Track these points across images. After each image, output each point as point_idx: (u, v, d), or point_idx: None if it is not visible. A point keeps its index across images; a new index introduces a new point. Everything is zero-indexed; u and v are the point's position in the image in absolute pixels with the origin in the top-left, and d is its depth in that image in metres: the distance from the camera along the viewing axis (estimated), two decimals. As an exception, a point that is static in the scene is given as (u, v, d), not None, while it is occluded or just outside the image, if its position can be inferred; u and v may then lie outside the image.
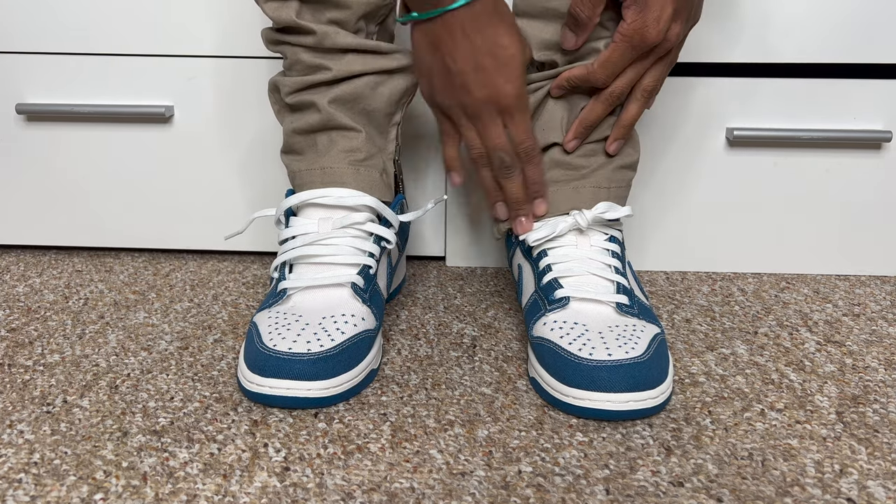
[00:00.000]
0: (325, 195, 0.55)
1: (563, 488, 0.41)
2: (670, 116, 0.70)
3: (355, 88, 0.56)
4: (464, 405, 0.50)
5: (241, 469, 0.43)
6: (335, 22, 0.54)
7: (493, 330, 0.62)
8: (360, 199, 0.56)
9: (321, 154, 0.57)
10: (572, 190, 0.57)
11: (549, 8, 0.54)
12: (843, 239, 0.73)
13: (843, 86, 0.68)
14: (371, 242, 0.56)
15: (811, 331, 0.62)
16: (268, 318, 0.52)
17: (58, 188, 0.76)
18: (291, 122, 0.58)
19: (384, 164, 0.59)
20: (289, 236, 0.56)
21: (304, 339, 0.49)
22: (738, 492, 0.41)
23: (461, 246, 0.76)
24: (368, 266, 0.55)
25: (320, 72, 0.55)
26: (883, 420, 0.49)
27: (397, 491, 0.41)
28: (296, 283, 0.53)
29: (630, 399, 0.46)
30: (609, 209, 0.56)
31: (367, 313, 0.53)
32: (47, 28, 0.70)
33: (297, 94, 0.57)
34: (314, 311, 0.52)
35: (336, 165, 0.56)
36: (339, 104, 0.56)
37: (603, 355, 0.47)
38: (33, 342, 0.59)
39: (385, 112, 0.58)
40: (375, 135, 0.59)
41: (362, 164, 0.57)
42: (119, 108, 0.71)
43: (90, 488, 0.41)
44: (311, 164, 0.57)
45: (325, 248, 0.54)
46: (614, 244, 0.56)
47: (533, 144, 0.53)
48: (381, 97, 0.57)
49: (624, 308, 0.52)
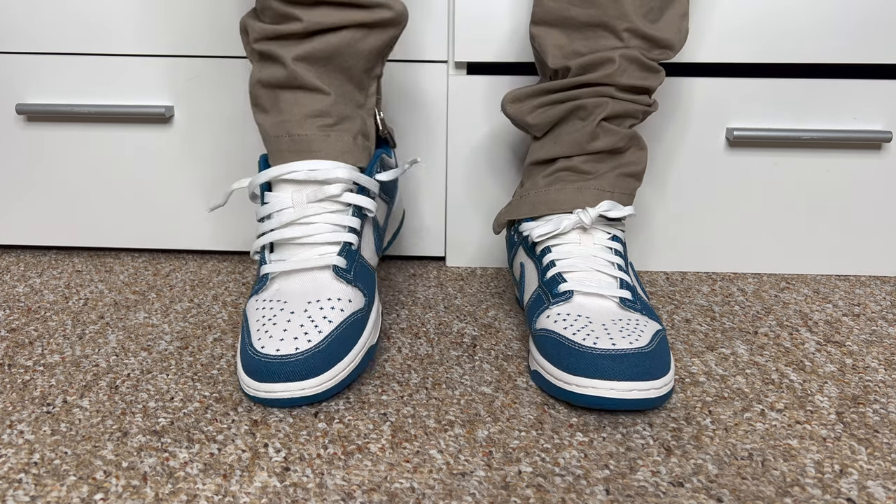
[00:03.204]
0: (294, 170, 0.53)
1: (563, 488, 0.41)
2: (670, 116, 0.70)
3: (328, 45, 0.52)
4: (464, 405, 0.50)
5: (241, 469, 0.43)
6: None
7: (493, 329, 0.62)
8: (332, 172, 0.53)
9: (283, 112, 0.54)
10: (576, 190, 0.58)
11: (568, 17, 0.55)
12: (843, 239, 0.73)
13: (843, 86, 0.68)
14: (350, 215, 0.54)
15: (811, 331, 0.62)
16: (255, 309, 0.51)
17: (58, 188, 0.76)
18: (258, 72, 0.54)
19: (362, 122, 0.56)
20: (265, 214, 0.54)
21: (290, 334, 0.48)
22: (738, 492, 0.41)
23: (461, 246, 0.76)
24: (349, 243, 0.53)
25: (290, 22, 0.51)
26: (883, 420, 0.49)
27: (397, 491, 0.41)
28: (277, 266, 0.52)
29: (633, 388, 0.46)
30: (612, 208, 0.56)
31: (352, 294, 0.52)
32: (47, 28, 0.70)
33: (264, 43, 0.53)
34: (298, 297, 0.51)
35: (305, 132, 0.53)
36: (308, 62, 0.53)
37: (607, 344, 0.47)
38: (33, 342, 0.59)
39: (364, 68, 0.55)
40: (353, 91, 0.56)
41: (332, 129, 0.54)
42: (119, 108, 0.71)
43: (90, 488, 0.41)
44: (277, 126, 0.54)
45: (303, 227, 0.53)
46: (617, 243, 0.57)
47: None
48: (360, 54, 0.53)
49: (627, 303, 0.53)
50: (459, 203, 0.74)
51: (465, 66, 0.71)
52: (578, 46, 0.56)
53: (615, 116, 0.56)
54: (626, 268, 0.56)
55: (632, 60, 0.55)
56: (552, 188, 0.58)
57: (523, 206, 0.60)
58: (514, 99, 0.60)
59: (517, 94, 0.60)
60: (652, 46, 0.55)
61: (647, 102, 0.57)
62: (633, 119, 0.58)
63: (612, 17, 0.54)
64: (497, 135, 0.72)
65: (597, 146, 0.57)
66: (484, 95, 0.70)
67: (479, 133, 0.72)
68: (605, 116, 0.56)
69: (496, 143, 0.72)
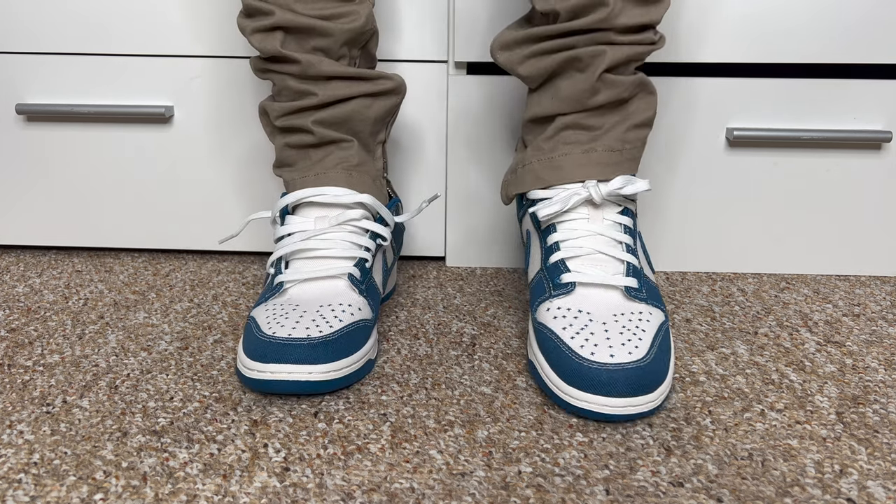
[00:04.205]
0: (320, 193, 0.57)
1: (563, 489, 0.41)
2: (670, 116, 0.70)
3: (342, 112, 0.57)
4: (464, 405, 0.50)
5: (241, 469, 0.43)
6: (319, 49, 0.56)
7: (492, 328, 0.62)
8: (356, 197, 0.57)
9: (314, 163, 0.58)
10: (583, 154, 0.54)
11: None
12: (843, 239, 0.73)
13: (843, 86, 0.68)
14: (367, 238, 0.57)
15: (811, 331, 0.62)
16: (265, 310, 0.52)
17: (58, 188, 0.76)
18: (283, 140, 0.59)
19: (377, 173, 0.60)
20: (285, 233, 0.57)
21: (303, 325, 0.49)
22: (738, 492, 0.41)
23: (461, 246, 0.76)
24: (364, 259, 0.56)
25: (307, 97, 0.56)
26: (883, 420, 0.49)
27: (397, 491, 0.41)
28: (293, 275, 0.54)
29: (628, 404, 0.46)
30: (626, 184, 0.53)
31: (363, 304, 0.54)
32: (47, 28, 0.70)
33: (287, 118, 0.58)
34: (311, 301, 0.53)
35: (329, 171, 0.58)
36: (326, 126, 0.57)
37: (605, 356, 0.47)
38: (33, 342, 0.59)
39: (370, 132, 0.59)
40: (364, 153, 0.60)
41: (355, 168, 0.58)
42: (119, 108, 0.71)
43: (90, 488, 0.41)
44: (304, 171, 0.58)
45: (322, 242, 0.55)
46: (627, 217, 0.54)
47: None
48: (367, 119, 0.58)
49: (632, 292, 0.52)
50: (459, 203, 0.74)
51: (465, 66, 0.71)
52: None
53: (616, 65, 0.52)
54: (634, 247, 0.54)
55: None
56: (556, 153, 0.55)
57: (527, 176, 0.57)
58: (503, 45, 0.56)
59: (506, 38, 0.55)
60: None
61: (651, 40, 0.53)
62: (638, 61, 0.53)
63: None
64: (497, 135, 0.72)
65: (599, 100, 0.53)
66: (484, 95, 0.70)
67: (478, 133, 0.72)
68: (605, 68, 0.51)
69: (496, 142, 0.72)
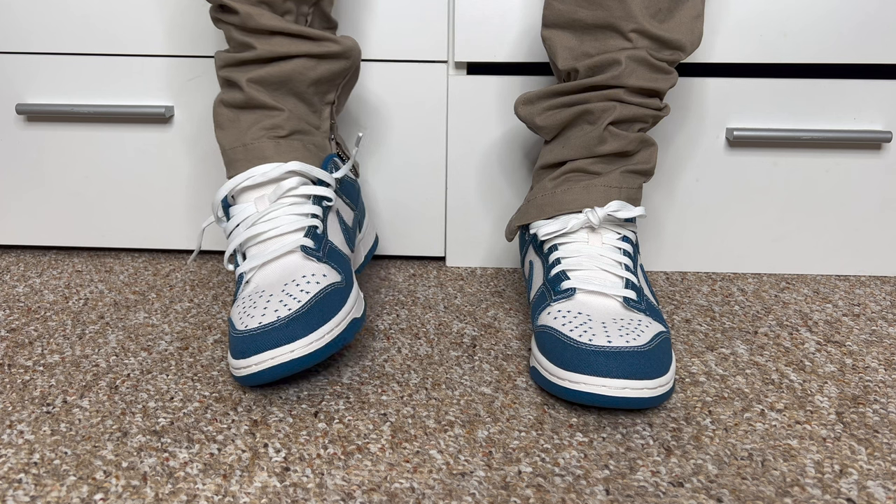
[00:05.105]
0: (249, 176, 0.56)
1: (563, 488, 0.41)
2: (671, 116, 0.70)
3: (280, 71, 0.56)
4: (464, 405, 0.50)
5: (241, 469, 0.43)
6: (264, 2, 0.55)
7: (492, 329, 0.62)
8: (283, 168, 0.56)
9: (241, 129, 0.57)
10: (583, 189, 0.57)
11: (576, 19, 0.56)
12: (843, 239, 0.73)
13: (843, 86, 0.68)
14: (311, 204, 0.56)
15: (811, 331, 0.62)
16: (237, 307, 0.52)
17: (58, 188, 0.76)
18: (221, 94, 0.59)
19: (317, 139, 0.60)
20: (232, 226, 0.56)
21: (271, 309, 0.49)
22: (738, 492, 0.41)
23: (461, 246, 0.76)
24: (314, 226, 0.55)
25: (246, 50, 0.56)
26: (883, 420, 0.49)
27: (397, 491, 0.41)
28: (250, 263, 0.54)
29: (626, 386, 0.46)
30: (621, 208, 0.56)
31: (326, 269, 0.53)
32: (47, 28, 0.70)
33: (227, 70, 0.57)
34: (275, 283, 0.52)
35: (256, 141, 0.57)
36: (262, 85, 0.57)
37: (602, 341, 0.47)
38: (33, 342, 0.59)
39: (315, 92, 0.59)
40: (307, 113, 0.59)
41: (284, 139, 0.57)
42: (119, 108, 0.71)
43: (90, 488, 0.41)
44: (234, 140, 0.57)
45: (267, 223, 0.55)
46: (627, 244, 0.56)
47: None
48: (308, 81, 0.57)
49: (631, 303, 0.52)
50: (459, 203, 0.74)
51: (465, 66, 0.71)
52: (588, 48, 0.56)
53: (623, 121, 0.56)
54: (634, 269, 0.55)
55: (639, 61, 0.54)
56: (559, 189, 0.58)
57: (531, 209, 0.60)
58: (525, 101, 0.60)
59: (529, 96, 0.60)
60: (661, 47, 0.55)
61: (657, 106, 0.57)
62: (643, 123, 0.57)
63: (618, 18, 0.54)
64: (497, 134, 0.72)
65: (605, 150, 0.57)
66: (484, 95, 0.70)
67: (478, 133, 0.72)
68: (612, 121, 0.56)
69: (496, 142, 0.72)
